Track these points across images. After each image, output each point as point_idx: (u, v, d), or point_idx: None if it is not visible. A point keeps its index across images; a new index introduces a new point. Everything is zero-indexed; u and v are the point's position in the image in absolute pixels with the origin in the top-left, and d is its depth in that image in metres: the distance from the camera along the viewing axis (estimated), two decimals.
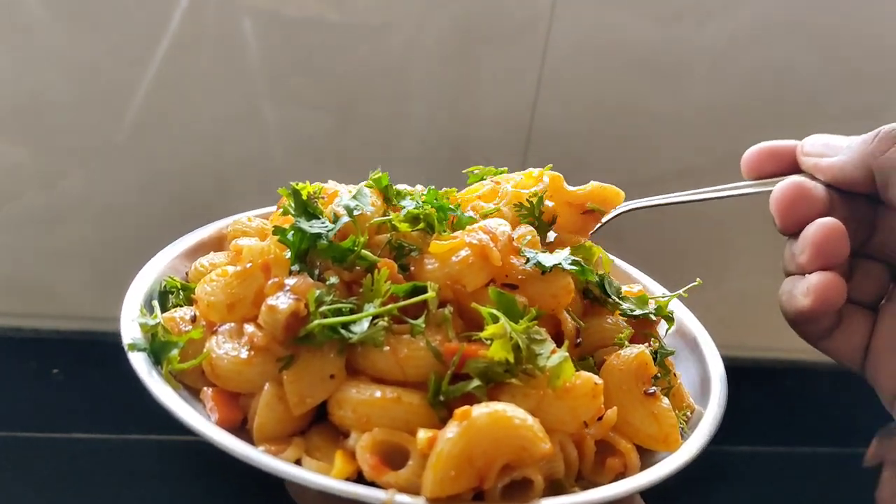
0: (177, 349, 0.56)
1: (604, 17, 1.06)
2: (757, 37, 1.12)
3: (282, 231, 0.60)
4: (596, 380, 0.55)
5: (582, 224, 0.70)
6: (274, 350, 0.54)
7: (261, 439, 0.54)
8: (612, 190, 0.69)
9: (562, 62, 1.07)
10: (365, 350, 0.55)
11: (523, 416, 0.50)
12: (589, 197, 0.69)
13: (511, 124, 1.10)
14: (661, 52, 1.09)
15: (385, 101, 1.05)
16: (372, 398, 0.53)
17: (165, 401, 0.53)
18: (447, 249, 0.60)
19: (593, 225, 0.70)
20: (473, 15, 1.03)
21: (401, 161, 1.08)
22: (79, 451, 0.87)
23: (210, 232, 0.75)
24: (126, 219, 1.02)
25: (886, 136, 0.57)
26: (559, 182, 0.69)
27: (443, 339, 0.56)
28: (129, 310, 0.60)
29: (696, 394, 0.66)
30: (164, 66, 0.96)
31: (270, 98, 1.01)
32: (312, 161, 1.05)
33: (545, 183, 0.69)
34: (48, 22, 0.92)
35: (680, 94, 1.13)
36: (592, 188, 0.69)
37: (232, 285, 0.58)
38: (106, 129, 0.98)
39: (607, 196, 0.69)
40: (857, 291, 0.62)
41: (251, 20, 0.97)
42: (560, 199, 0.69)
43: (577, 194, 0.69)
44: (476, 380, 0.53)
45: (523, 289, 0.60)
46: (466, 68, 1.06)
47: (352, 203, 0.61)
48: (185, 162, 1.01)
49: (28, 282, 1.03)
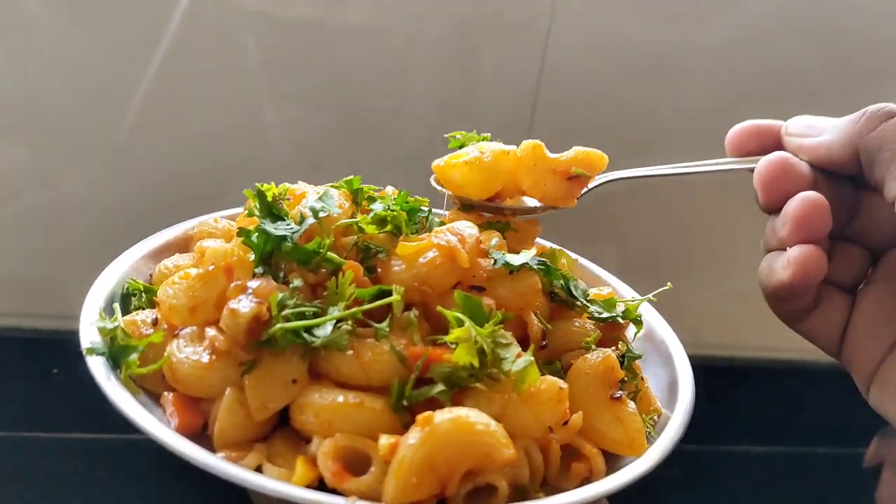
0: (136, 353, 0.55)
1: (603, 18, 1.06)
2: (757, 37, 1.12)
3: (246, 233, 0.59)
4: (561, 384, 0.55)
5: (567, 190, 0.68)
6: (235, 354, 0.54)
7: (221, 445, 0.53)
8: (596, 154, 0.69)
9: (562, 62, 1.07)
10: (328, 354, 0.54)
11: (486, 422, 0.50)
12: (573, 162, 0.68)
13: (511, 124, 1.10)
14: (661, 52, 1.09)
15: (385, 101, 1.05)
16: (334, 403, 0.52)
17: (122, 406, 0.52)
18: (414, 251, 0.59)
19: (579, 190, 0.69)
20: (473, 15, 1.03)
21: (401, 161, 1.07)
22: (79, 451, 0.86)
23: (176, 233, 0.74)
24: (126, 219, 1.01)
25: (873, 115, 0.56)
26: (540, 150, 0.68)
27: (408, 342, 0.55)
28: (88, 313, 0.59)
29: (664, 397, 0.66)
30: (164, 66, 0.95)
31: (270, 98, 1.00)
32: (313, 161, 1.05)
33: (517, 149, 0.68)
34: (48, 22, 0.91)
35: (680, 94, 1.13)
36: (576, 153, 0.68)
37: (194, 288, 0.57)
38: (106, 129, 0.97)
39: (592, 160, 0.68)
40: (836, 274, 0.61)
41: (251, 20, 0.96)
42: (543, 167, 0.67)
43: (559, 160, 0.68)
44: (440, 384, 0.53)
45: (491, 290, 0.60)
46: (466, 68, 1.05)
47: (318, 205, 0.61)
48: (185, 162, 1.01)
49: (28, 282, 1.02)
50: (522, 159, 0.68)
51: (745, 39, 1.11)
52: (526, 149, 0.68)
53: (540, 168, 0.67)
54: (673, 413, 0.62)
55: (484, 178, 0.68)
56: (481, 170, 0.67)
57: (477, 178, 0.68)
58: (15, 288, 1.02)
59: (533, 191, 0.68)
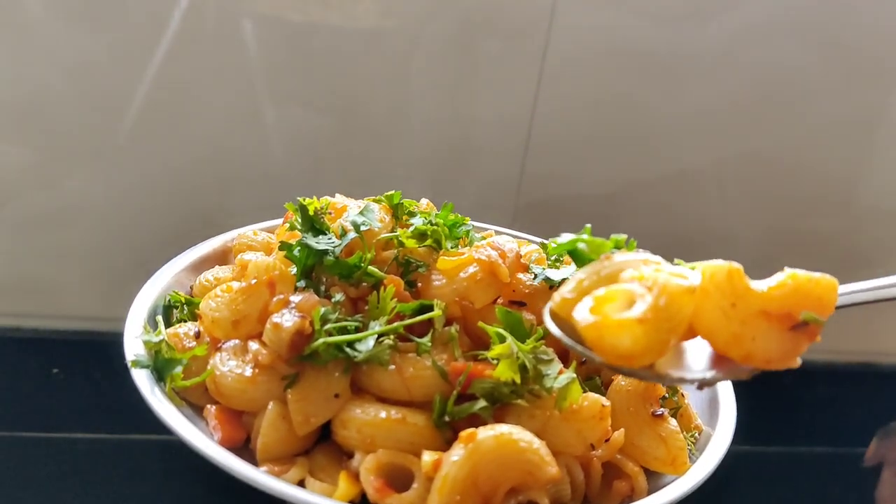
0: (180, 366, 0.55)
1: (604, 18, 1.05)
2: (757, 37, 1.11)
3: (288, 247, 0.59)
4: (603, 401, 0.55)
5: (792, 346, 0.46)
6: (278, 368, 0.54)
7: (264, 459, 0.53)
8: (825, 283, 0.46)
9: (562, 63, 1.06)
10: (370, 369, 0.54)
11: (529, 439, 0.50)
12: (797, 301, 0.45)
13: (511, 124, 1.09)
14: (661, 52, 1.09)
15: (385, 102, 1.05)
16: (377, 419, 0.52)
17: (168, 419, 0.52)
18: (455, 266, 0.59)
19: (807, 345, 0.46)
20: (473, 15, 1.02)
21: (401, 161, 1.07)
22: (79, 451, 0.86)
23: (215, 245, 0.74)
24: (126, 219, 1.02)
25: None
26: (740, 280, 0.45)
27: (449, 357, 0.55)
28: (132, 326, 0.60)
29: (704, 414, 0.65)
30: (164, 67, 0.96)
31: (271, 98, 1.00)
32: (313, 162, 1.05)
33: (696, 280, 0.46)
34: (48, 22, 0.91)
35: (680, 94, 1.12)
36: (795, 282, 0.46)
37: (237, 301, 0.57)
38: (106, 129, 0.97)
39: (821, 294, 0.46)
40: None
41: (251, 20, 0.97)
42: (747, 308, 0.45)
43: (774, 297, 0.45)
44: (482, 400, 0.53)
45: (531, 305, 0.60)
46: (466, 69, 1.05)
47: (359, 219, 0.61)
48: (186, 162, 1.01)
49: (28, 282, 1.03)
50: (711, 296, 0.46)
51: (746, 40, 1.10)
52: (717, 279, 0.45)
53: (742, 312, 0.45)
54: (715, 430, 0.61)
55: (662, 337, 0.45)
56: (658, 328, 0.44)
57: (655, 341, 0.45)
58: (15, 288, 1.03)
59: (731, 346, 0.46)
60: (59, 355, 1.01)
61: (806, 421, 1.12)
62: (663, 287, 0.44)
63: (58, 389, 0.96)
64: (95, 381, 0.95)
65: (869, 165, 1.22)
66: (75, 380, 0.97)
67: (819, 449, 1.08)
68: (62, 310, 1.05)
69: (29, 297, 1.04)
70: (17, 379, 0.97)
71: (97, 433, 0.88)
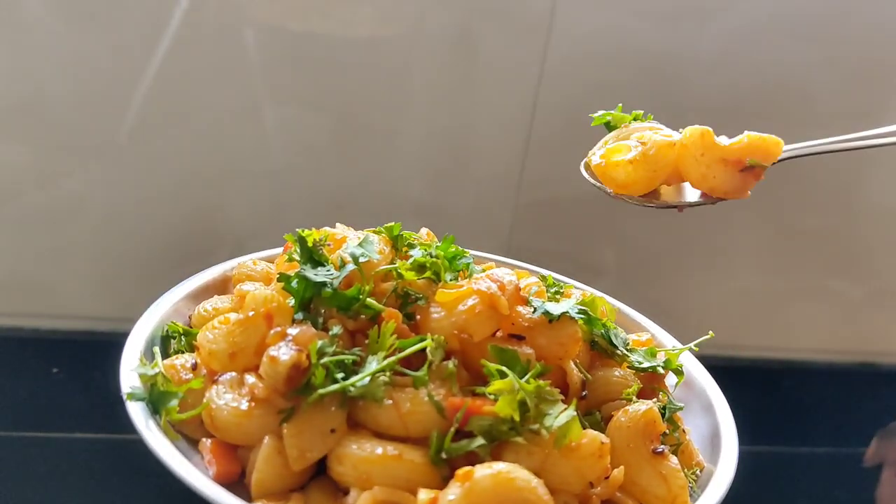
0: (176, 400, 0.55)
1: (604, 18, 1.06)
2: (757, 37, 1.12)
3: (286, 278, 0.59)
4: (602, 439, 0.54)
5: (741, 182, 0.63)
6: (275, 402, 0.53)
7: (258, 494, 0.52)
8: (771, 140, 0.62)
9: (562, 62, 1.06)
10: (366, 404, 0.54)
11: (527, 478, 0.49)
12: (746, 151, 0.61)
13: (511, 124, 1.09)
14: (661, 52, 1.09)
15: (385, 102, 1.05)
16: (373, 455, 0.51)
17: (162, 454, 0.52)
18: (454, 298, 0.59)
19: (754, 182, 0.63)
20: (474, 15, 1.02)
21: (400, 161, 1.07)
22: (79, 451, 0.86)
23: (215, 274, 0.74)
24: (126, 218, 1.02)
25: None
26: (709, 138, 0.62)
27: (447, 393, 0.54)
28: (129, 358, 0.59)
29: (706, 450, 0.64)
30: (164, 67, 0.96)
31: (270, 98, 1.00)
32: (312, 162, 1.05)
33: (679, 137, 0.64)
34: (48, 22, 0.91)
35: (680, 94, 1.12)
36: (749, 140, 0.62)
37: (234, 333, 0.57)
38: (106, 128, 0.98)
39: (767, 147, 0.62)
40: None
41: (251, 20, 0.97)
42: (712, 156, 0.62)
43: (731, 149, 0.62)
44: (479, 438, 0.52)
45: (530, 339, 0.59)
46: (466, 68, 1.05)
47: (358, 250, 0.61)
48: (185, 162, 1.01)
49: (28, 282, 1.03)
50: (688, 148, 0.63)
51: (745, 39, 1.10)
52: (692, 137, 0.63)
53: (708, 158, 0.62)
54: (717, 468, 0.60)
55: (649, 175, 0.65)
56: (646, 167, 0.64)
57: (643, 177, 0.65)
58: (15, 288, 1.03)
59: (700, 183, 0.64)
60: (59, 355, 1.01)
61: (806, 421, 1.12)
62: (652, 141, 0.65)
63: (58, 389, 0.96)
64: (95, 381, 0.95)
65: (868, 163, 1.22)
66: (75, 380, 0.97)
67: (819, 449, 1.08)
68: (62, 310, 1.05)
69: (29, 297, 1.04)
70: (17, 379, 0.97)
71: (97, 433, 0.87)
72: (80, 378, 0.96)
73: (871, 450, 0.98)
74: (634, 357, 0.65)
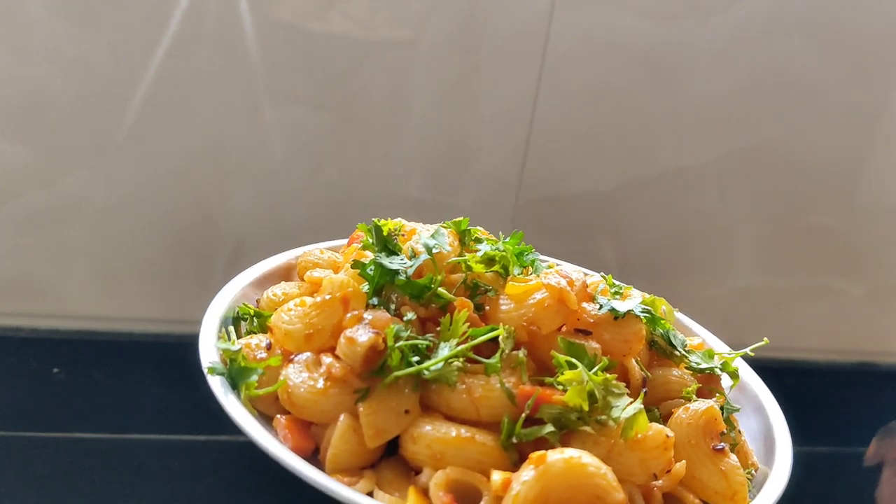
0: (256, 376, 0.57)
1: (603, 17, 1.05)
2: (757, 36, 1.11)
3: (361, 265, 0.61)
4: (667, 432, 0.55)
5: None
6: (351, 382, 0.55)
7: (333, 470, 0.54)
8: None
9: (562, 62, 1.07)
10: (439, 388, 0.55)
11: (598, 465, 0.51)
12: None
13: (511, 124, 1.10)
14: (661, 51, 1.09)
15: (385, 100, 1.05)
16: (447, 436, 0.53)
17: (245, 425, 0.54)
18: (524, 291, 0.60)
19: None
20: (473, 15, 1.03)
21: (400, 159, 1.07)
22: (79, 451, 0.87)
23: (279, 262, 0.76)
24: (126, 218, 1.01)
25: None
26: None
27: (517, 381, 0.56)
28: (207, 333, 0.61)
29: (760, 452, 0.66)
30: (164, 66, 0.96)
31: (270, 97, 1.00)
32: (312, 160, 1.05)
33: None
34: (48, 21, 0.92)
35: (680, 93, 1.12)
36: None
37: (310, 315, 0.59)
38: (106, 128, 0.98)
39: None
40: None
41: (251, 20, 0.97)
42: None
43: None
44: (549, 425, 0.54)
45: (596, 334, 0.61)
46: (466, 68, 1.05)
47: (431, 241, 0.63)
48: (185, 162, 1.01)
49: (28, 282, 1.03)
50: None
51: (745, 36, 1.10)
52: None
53: None
54: (771, 469, 0.62)
55: None
56: None
57: None
58: (15, 288, 1.03)
59: None
60: (59, 355, 1.01)
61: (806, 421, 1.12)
62: None
63: (58, 389, 0.96)
64: (95, 381, 0.95)
65: (869, 161, 1.22)
66: (75, 380, 0.97)
67: (819, 449, 1.07)
68: (62, 310, 1.05)
69: (29, 297, 1.04)
70: (17, 379, 0.97)
71: (97, 433, 0.88)
72: (80, 378, 0.96)
73: (871, 449, 0.98)
74: (693, 358, 0.66)
